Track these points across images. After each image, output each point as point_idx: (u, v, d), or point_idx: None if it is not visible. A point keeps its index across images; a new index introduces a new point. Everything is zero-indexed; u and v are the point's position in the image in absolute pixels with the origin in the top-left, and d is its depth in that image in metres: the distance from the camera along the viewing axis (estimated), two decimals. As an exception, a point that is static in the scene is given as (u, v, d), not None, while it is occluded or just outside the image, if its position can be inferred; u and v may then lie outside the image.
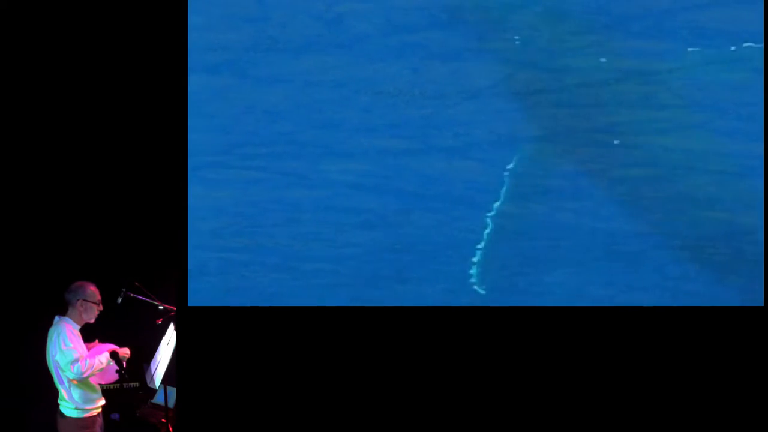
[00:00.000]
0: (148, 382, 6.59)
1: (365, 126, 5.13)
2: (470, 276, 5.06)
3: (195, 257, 5.13)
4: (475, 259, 5.06)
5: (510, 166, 5.10)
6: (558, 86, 5.10)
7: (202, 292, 5.15)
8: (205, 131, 5.11)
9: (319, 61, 5.13)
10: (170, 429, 6.02)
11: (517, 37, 5.17)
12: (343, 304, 5.10)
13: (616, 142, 5.10)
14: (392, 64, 5.12)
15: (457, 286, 5.09)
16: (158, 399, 6.37)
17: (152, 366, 6.56)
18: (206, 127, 5.11)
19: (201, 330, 5.12)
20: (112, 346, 6.00)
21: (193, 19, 5.13)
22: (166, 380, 6.14)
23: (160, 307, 6.47)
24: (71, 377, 5.82)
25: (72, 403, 5.91)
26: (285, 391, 5.10)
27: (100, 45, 6.85)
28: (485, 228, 5.08)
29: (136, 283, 6.51)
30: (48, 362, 5.95)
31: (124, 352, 6.02)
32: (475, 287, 5.04)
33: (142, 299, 6.50)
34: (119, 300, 6.47)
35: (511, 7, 5.11)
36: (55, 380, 5.95)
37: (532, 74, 5.13)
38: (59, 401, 6.00)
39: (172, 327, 6.43)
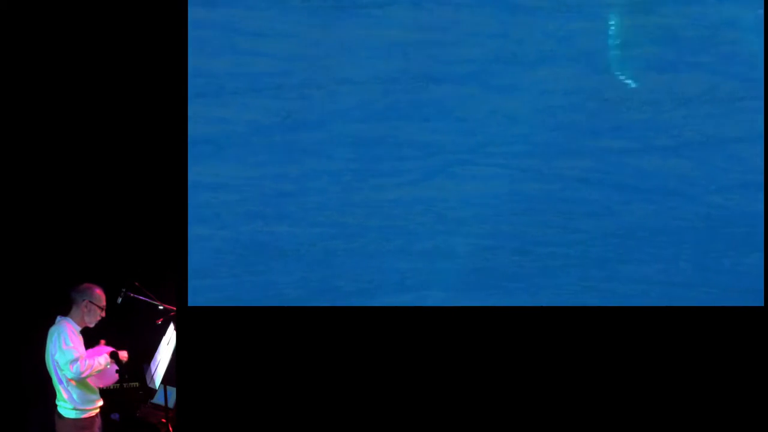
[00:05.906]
0: (148, 382, 6.64)
1: (592, 128, 5.53)
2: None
3: (444, 243, 5.69)
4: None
5: None
6: (757, 94, 5.50)
7: (409, 272, 5.68)
8: (455, 133, 5.57)
9: (552, 72, 5.46)
10: (170, 429, 6.14)
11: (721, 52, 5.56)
12: (573, 283, 5.73)
13: None
14: (616, 75, 5.53)
15: (671, 266, 5.69)
16: (158, 399, 6.46)
17: (152, 366, 6.63)
18: (455, 129, 5.56)
19: (201, 330, 5.18)
20: (112, 349, 6.00)
21: (439, 35, 5.52)
22: (166, 380, 6.22)
23: (160, 307, 6.52)
24: (69, 377, 5.81)
25: (71, 404, 5.93)
26: (285, 392, 5.19)
27: (100, 45, 6.84)
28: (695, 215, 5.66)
29: (136, 284, 6.57)
30: (47, 362, 5.97)
31: (123, 355, 6.04)
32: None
33: (142, 299, 6.56)
34: (119, 300, 6.51)
35: (719, 25, 5.46)
36: (54, 380, 5.96)
37: (736, 84, 5.51)
38: (57, 402, 5.99)
39: (172, 327, 6.53)
